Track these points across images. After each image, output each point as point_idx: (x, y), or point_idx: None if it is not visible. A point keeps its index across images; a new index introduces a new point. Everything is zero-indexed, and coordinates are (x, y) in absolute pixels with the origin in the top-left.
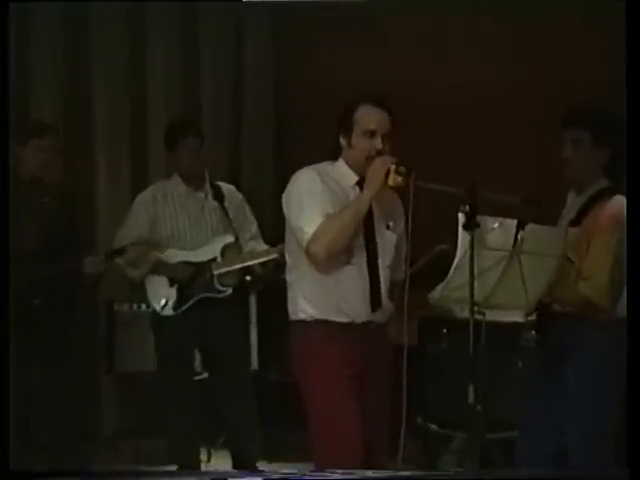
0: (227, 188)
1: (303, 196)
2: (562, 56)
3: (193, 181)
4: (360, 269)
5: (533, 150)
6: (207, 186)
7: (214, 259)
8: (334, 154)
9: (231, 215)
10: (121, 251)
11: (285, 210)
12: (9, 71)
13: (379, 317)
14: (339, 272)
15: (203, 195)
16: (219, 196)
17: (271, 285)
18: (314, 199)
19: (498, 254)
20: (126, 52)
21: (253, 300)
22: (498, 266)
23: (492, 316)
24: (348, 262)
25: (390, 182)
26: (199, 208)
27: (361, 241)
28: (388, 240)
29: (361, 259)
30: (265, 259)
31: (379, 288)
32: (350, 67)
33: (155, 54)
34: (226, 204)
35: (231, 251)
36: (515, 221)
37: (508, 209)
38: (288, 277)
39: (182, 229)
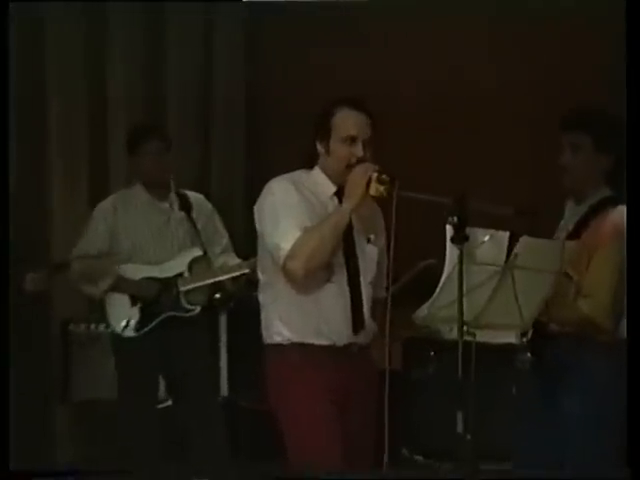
0: (195, 197)
1: (277, 209)
2: (561, 57)
3: (157, 189)
4: (340, 287)
5: (527, 156)
6: (172, 195)
7: (181, 274)
8: (310, 162)
9: (199, 227)
10: (64, 266)
11: (257, 224)
12: (9, 71)
13: (362, 339)
14: (318, 291)
15: (168, 205)
16: (186, 206)
17: (243, 303)
18: (290, 212)
19: (489, 269)
20: (85, 50)
21: (223, 320)
22: (489, 282)
23: (483, 337)
24: (328, 280)
25: (372, 192)
26: (164, 219)
27: (341, 257)
28: (370, 255)
29: (341, 276)
30: (237, 274)
31: (361, 307)
32: (328, 68)
33: (116, 53)
34: (194, 215)
35: (199, 266)
36: (508, 234)
37: (500, 221)
38: (261, 297)
39: (145, 242)
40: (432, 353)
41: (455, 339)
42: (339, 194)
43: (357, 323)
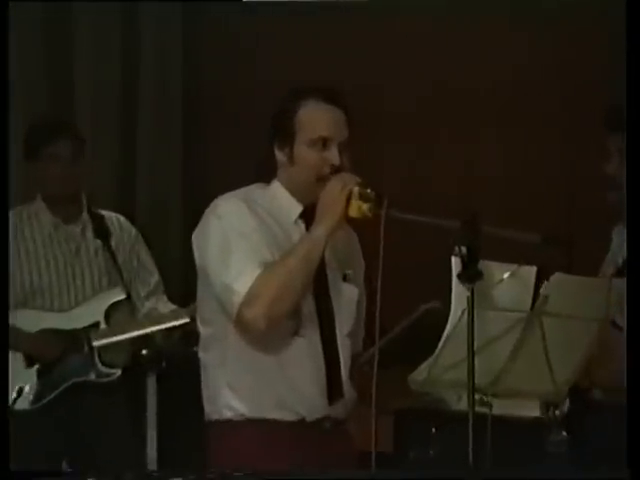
0: (114, 219)
1: (227, 238)
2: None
3: (64, 206)
4: (311, 342)
5: (557, 166)
6: (85, 215)
7: (95, 325)
8: (267, 174)
9: (120, 260)
10: None
11: (198, 258)
12: (9, 71)
13: (339, 410)
14: (281, 348)
15: (79, 229)
16: (103, 231)
17: (179, 361)
18: (244, 242)
19: (510, 317)
20: None
21: (152, 383)
22: (510, 335)
23: (502, 408)
24: (295, 333)
25: (352, 212)
26: (72, 249)
27: (310, 302)
28: (347, 296)
29: (312, 328)
30: (170, 325)
31: (338, 368)
32: (288, 62)
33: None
34: (113, 243)
35: (120, 313)
36: (535, 269)
37: (524, 251)
38: (203, 356)
39: (46, 280)
40: (434, 429)
41: (465, 411)
42: (306, 216)
43: (334, 390)
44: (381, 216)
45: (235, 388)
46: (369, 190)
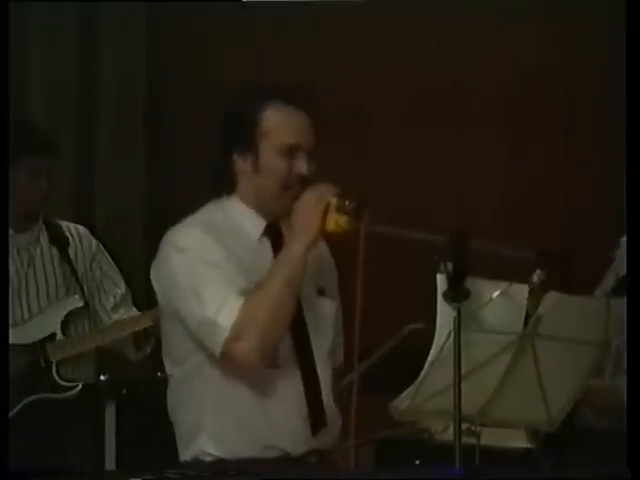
0: (74, 229)
1: (196, 271)
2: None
3: (18, 215)
4: (289, 371)
5: (557, 176)
6: (40, 224)
7: (51, 337)
8: (227, 186)
9: (80, 270)
10: None
11: (161, 297)
12: (9, 71)
13: (325, 440)
14: (259, 381)
15: (34, 237)
16: (59, 240)
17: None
18: (216, 272)
19: (500, 340)
20: None
21: (111, 414)
22: (501, 358)
23: (491, 439)
24: (273, 364)
25: (329, 226)
26: (25, 257)
27: None
28: (324, 311)
29: (289, 355)
30: (132, 330)
31: (319, 394)
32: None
33: None
34: (71, 253)
35: (79, 324)
36: (527, 288)
37: (516, 268)
38: (171, 398)
39: None
40: (417, 462)
41: (451, 441)
42: (270, 232)
43: (316, 419)
44: (360, 230)
45: (211, 431)
46: (347, 202)
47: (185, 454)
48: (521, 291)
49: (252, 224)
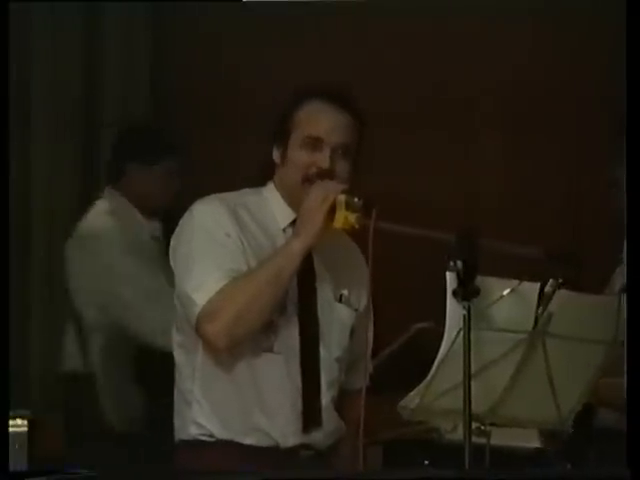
0: None
1: (196, 241)
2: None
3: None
4: (288, 361)
5: (565, 172)
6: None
7: None
8: (265, 176)
9: None
10: None
11: (170, 257)
12: (9, 70)
13: (318, 440)
14: (255, 363)
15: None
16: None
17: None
18: (213, 248)
19: (510, 338)
20: None
21: None
22: (511, 357)
23: (501, 438)
24: (270, 349)
25: (338, 223)
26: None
27: (293, 316)
28: (340, 320)
29: (291, 346)
30: None
31: (318, 395)
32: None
33: None
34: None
35: None
36: (537, 286)
37: (526, 267)
38: (177, 361)
39: None
40: (426, 462)
41: (460, 441)
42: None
43: (309, 417)
44: (369, 227)
45: (204, 403)
46: (356, 199)
47: (178, 423)
48: (531, 289)
49: (282, 213)
